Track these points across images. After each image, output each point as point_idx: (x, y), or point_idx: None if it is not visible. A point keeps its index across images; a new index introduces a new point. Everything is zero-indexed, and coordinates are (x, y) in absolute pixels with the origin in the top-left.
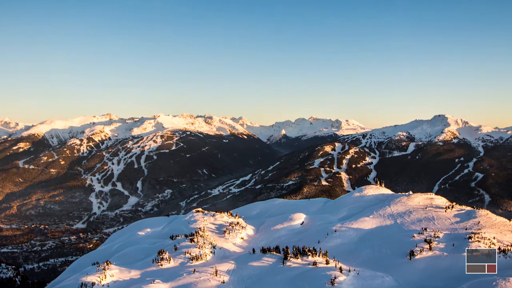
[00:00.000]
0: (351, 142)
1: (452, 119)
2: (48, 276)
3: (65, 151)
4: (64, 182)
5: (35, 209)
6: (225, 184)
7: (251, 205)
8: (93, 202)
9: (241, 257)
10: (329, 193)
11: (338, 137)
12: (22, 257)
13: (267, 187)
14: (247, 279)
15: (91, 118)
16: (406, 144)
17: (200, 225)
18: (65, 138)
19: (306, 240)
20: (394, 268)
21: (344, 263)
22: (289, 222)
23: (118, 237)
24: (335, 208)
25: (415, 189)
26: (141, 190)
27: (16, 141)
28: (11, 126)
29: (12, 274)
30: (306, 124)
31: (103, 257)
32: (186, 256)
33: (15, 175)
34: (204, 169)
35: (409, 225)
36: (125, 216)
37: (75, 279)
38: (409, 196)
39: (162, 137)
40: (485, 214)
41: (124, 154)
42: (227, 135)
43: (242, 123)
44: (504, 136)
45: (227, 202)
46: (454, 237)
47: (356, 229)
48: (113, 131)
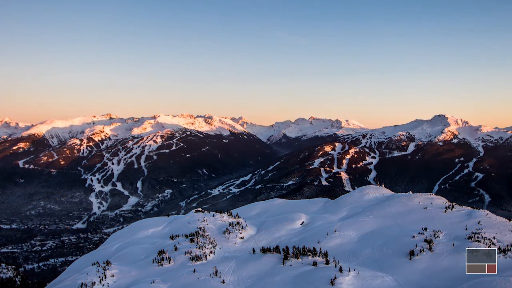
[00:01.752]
0: (351, 142)
1: (452, 119)
2: (48, 276)
3: (65, 151)
4: (64, 182)
5: (35, 209)
6: (225, 184)
7: (251, 205)
8: (93, 202)
9: (241, 257)
10: (329, 193)
11: (338, 137)
12: (22, 257)
13: (267, 187)
14: (247, 279)
15: (91, 118)
16: (406, 144)
17: (200, 225)
18: (65, 138)
19: (306, 240)
20: (394, 268)
21: (344, 263)
22: (289, 222)
23: (118, 237)
24: (335, 208)
25: (415, 189)
26: (141, 190)
27: (16, 141)
28: (11, 126)
29: (12, 274)
30: (306, 124)
31: (103, 257)
32: (186, 256)
33: (15, 175)
34: (204, 169)
35: (409, 225)
36: (125, 216)
37: (75, 279)
38: (409, 196)
39: (162, 137)
40: (485, 214)
41: (124, 154)
42: (227, 135)
43: (242, 123)
44: (504, 136)
45: (227, 202)
46: (454, 237)
47: (356, 229)
48: (113, 131)
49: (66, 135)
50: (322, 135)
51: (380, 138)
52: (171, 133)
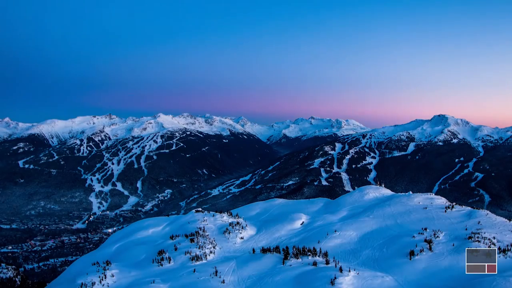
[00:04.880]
0: (351, 142)
1: (452, 119)
2: (48, 276)
3: (65, 151)
4: (64, 182)
5: (35, 209)
6: (225, 184)
7: (251, 205)
8: (93, 202)
9: (241, 257)
10: (329, 193)
11: (338, 137)
12: (22, 257)
13: (267, 187)
14: (247, 279)
15: (91, 118)
16: (406, 144)
17: (200, 225)
18: (65, 138)
19: (306, 240)
20: (394, 268)
21: (344, 263)
22: (289, 222)
23: (118, 237)
24: (335, 208)
25: (415, 189)
26: (141, 190)
27: (16, 141)
28: (11, 126)
29: (12, 274)
30: (306, 124)
31: (103, 257)
32: (186, 256)
33: (15, 175)
34: (204, 169)
35: (409, 225)
36: (125, 216)
37: (75, 279)
38: (409, 196)
39: (162, 137)
40: (485, 214)
41: (124, 154)
42: (227, 135)
43: (242, 123)
44: (504, 136)
45: (227, 202)
46: (454, 237)
47: (356, 229)
48: (113, 131)
49: (66, 135)
50: (322, 135)
51: (380, 138)
52: (171, 133)
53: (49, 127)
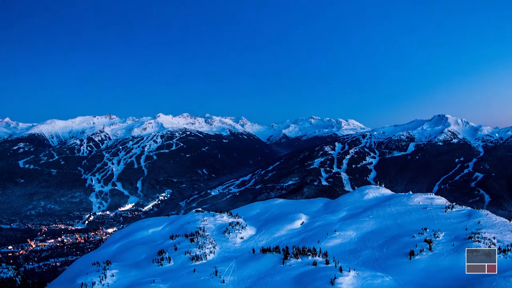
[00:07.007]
0: (351, 142)
1: (452, 119)
2: (48, 276)
3: (65, 151)
4: (64, 182)
5: (35, 209)
6: (225, 184)
7: (251, 205)
8: (93, 202)
9: (241, 257)
10: (329, 193)
11: (338, 137)
12: (22, 257)
13: (267, 187)
14: (247, 279)
15: (91, 118)
16: (406, 144)
17: (200, 225)
18: (65, 138)
19: (306, 240)
20: (394, 268)
21: (344, 263)
22: (289, 222)
23: (118, 237)
24: (335, 208)
25: (415, 189)
26: (141, 190)
27: (16, 141)
28: (11, 126)
29: (12, 274)
30: (306, 124)
31: (103, 257)
32: (186, 256)
33: (15, 175)
34: (204, 169)
35: (409, 225)
36: (125, 216)
37: (75, 279)
38: (409, 196)
39: (162, 137)
40: (485, 214)
41: (124, 154)
42: (227, 135)
43: (242, 123)
44: (504, 136)
45: (227, 202)
46: (454, 237)
47: (356, 229)
48: (113, 131)
49: (66, 135)
50: (322, 135)
51: (380, 138)
52: (171, 133)
53: (49, 127)
